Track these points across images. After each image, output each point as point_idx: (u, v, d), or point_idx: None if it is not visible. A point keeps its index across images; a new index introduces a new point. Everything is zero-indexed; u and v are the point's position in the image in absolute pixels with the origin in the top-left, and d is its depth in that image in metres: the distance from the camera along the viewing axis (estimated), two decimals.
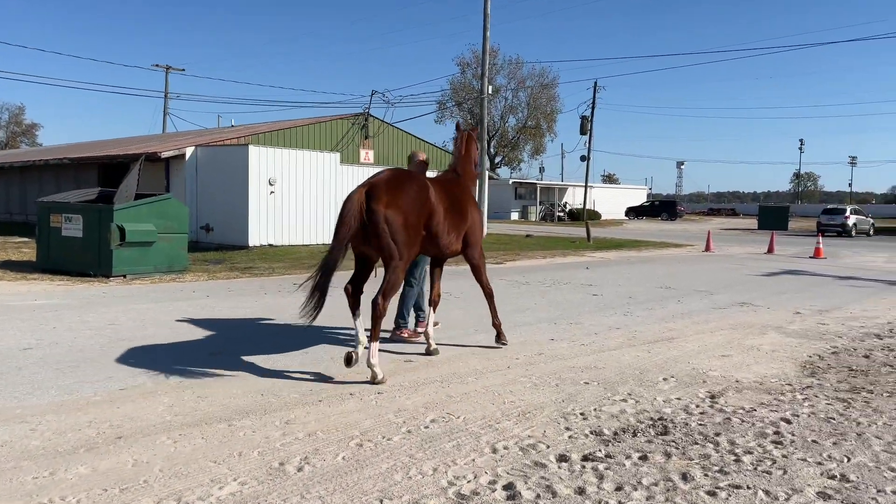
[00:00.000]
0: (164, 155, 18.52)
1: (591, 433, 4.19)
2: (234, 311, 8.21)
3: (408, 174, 5.74)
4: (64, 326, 7.07)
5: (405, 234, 5.29)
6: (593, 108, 45.33)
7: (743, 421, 4.46)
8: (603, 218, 52.13)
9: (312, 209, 18.40)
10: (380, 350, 5.36)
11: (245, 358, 5.83)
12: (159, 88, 47.59)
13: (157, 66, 46.51)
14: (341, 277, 5.65)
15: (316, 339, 6.69)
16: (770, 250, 20.99)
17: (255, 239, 17.26)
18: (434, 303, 6.33)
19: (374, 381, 5.10)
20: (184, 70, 49.46)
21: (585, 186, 44.88)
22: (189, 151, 18.74)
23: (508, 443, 3.97)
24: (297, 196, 18.06)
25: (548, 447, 3.93)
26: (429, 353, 6.14)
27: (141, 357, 5.78)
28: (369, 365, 5.13)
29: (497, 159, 70.61)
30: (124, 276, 11.47)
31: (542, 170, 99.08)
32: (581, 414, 4.55)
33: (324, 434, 4.03)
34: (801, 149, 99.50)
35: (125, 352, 5.95)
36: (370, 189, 5.32)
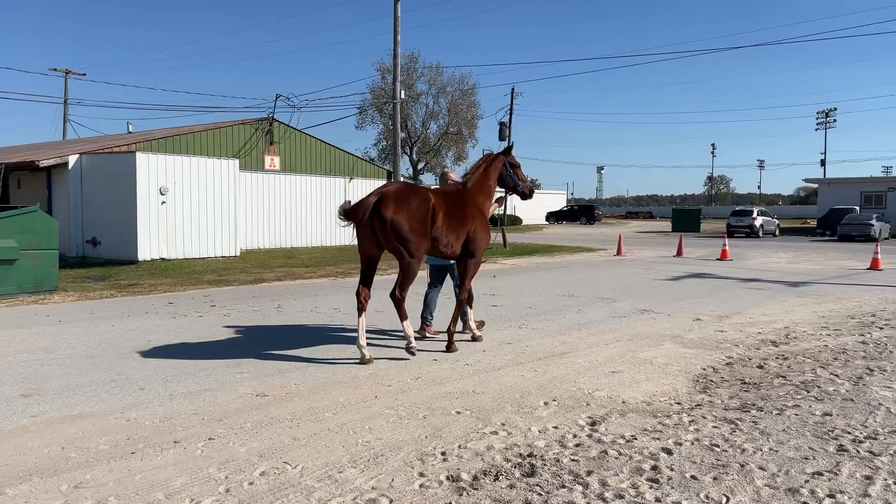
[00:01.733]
0: (44, 164, 17.05)
1: (448, 479, 3.61)
2: (79, 339, 7.27)
3: (412, 187, 6.64)
4: None
5: (411, 236, 6.21)
6: (511, 113, 45.43)
7: (620, 454, 3.98)
8: (524, 223, 52.41)
9: (209, 220, 17.32)
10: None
11: (63, 399, 4.99)
12: (60, 94, 44.70)
13: (54, 69, 43.85)
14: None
15: (161, 371, 5.89)
16: (679, 253, 21.20)
17: (145, 253, 16.07)
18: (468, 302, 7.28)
19: (408, 348, 6.34)
20: (84, 74, 46.94)
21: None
22: (73, 160, 17.33)
23: (344, 499, 3.34)
24: (193, 206, 16.95)
25: (390, 502, 3.32)
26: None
27: None
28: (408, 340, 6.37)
29: (420, 166, 70.21)
30: None
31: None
32: (442, 454, 3.97)
33: (117, 500, 3.29)
34: (713, 153, 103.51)
35: None
36: (380, 198, 6.16)
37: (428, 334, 7.64)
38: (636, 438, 4.25)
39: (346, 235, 24.28)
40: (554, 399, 5.13)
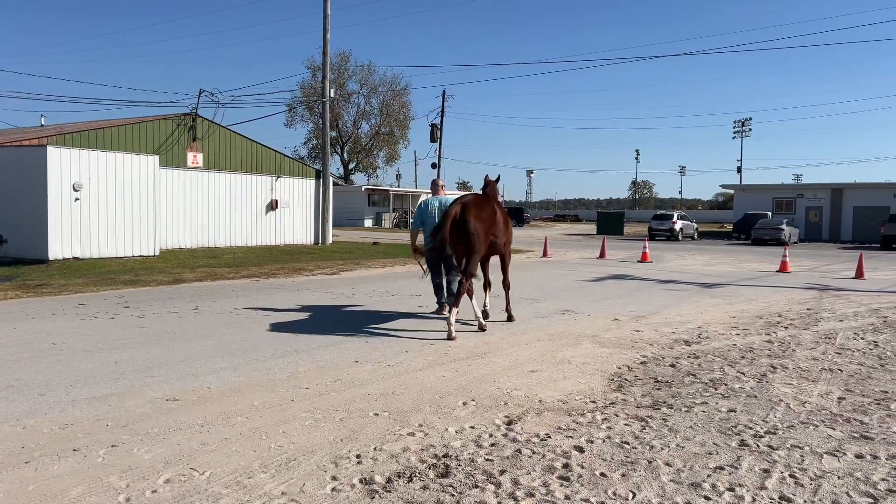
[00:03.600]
0: None
1: (361, 481, 3.57)
2: None
3: (484, 198, 8.41)
4: None
5: (483, 237, 7.87)
6: (442, 115, 45.83)
7: (534, 452, 4.03)
8: None
9: (127, 217, 16.64)
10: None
11: None
12: None
13: None
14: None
15: (65, 376, 5.61)
16: (602, 255, 21.75)
17: (56, 251, 15.29)
18: (487, 287, 8.97)
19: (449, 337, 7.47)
20: None
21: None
22: None
23: None
24: (109, 203, 16.24)
25: None
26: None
27: None
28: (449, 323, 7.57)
29: (351, 166, 69.59)
30: None
31: (398, 176, 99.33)
32: (357, 457, 3.93)
33: None
34: (637, 158, 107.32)
35: None
36: (464, 206, 7.84)
37: (445, 313, 8.68)
38: (550, 437, 4.32)
39: (271, 235, 23.85)
40: (473, 399, 5.15)
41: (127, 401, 4.92)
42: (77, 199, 15.61)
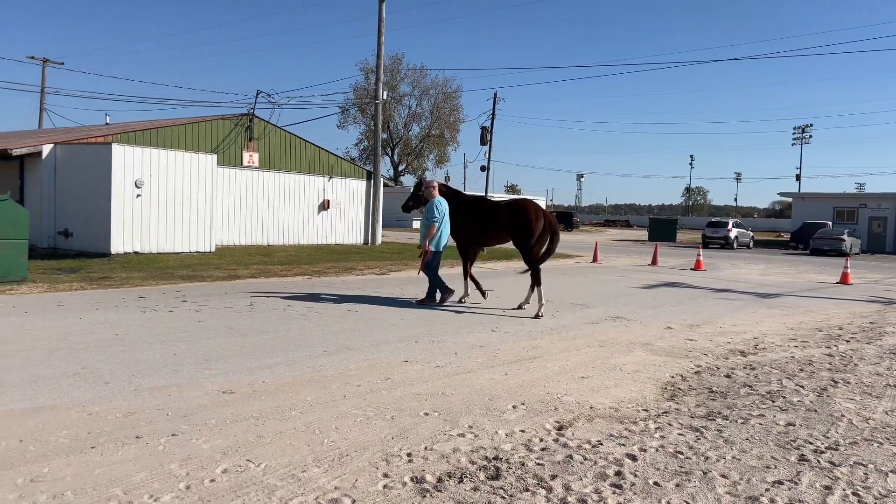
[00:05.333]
0: (16, 152, 16.75)
1: (412, 480, 3.60)
2: (44, 331, 7.14)
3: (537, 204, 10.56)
4: None
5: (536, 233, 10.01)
6: (493, 118, 45.76)
7: (585, 459, 4.00)
8: None
9: (185, 214, 17.12)
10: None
11: (24, 391, 4.90)
12: (38, 82, 44.03)
13: (32, 58, 43.22)
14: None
15: (128, 365, 5.81)
16: (654, 262, 21.39)
17: (118, 245, 15.84)
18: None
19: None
20: (63, 63, 46.33)
21: (486, 196, 45.10)
22: (47, 149, 17.04)
23: (306, 498, 3.31)
24: (168, 200, 16.75)
25: (353, 502, 3.30)
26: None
27: None
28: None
29: (401, 167, 70.15)
30: None
31: (447, 178, 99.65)
32: (408, 455, 3.96)
33: (74, 495, 3.23)
34: (691, 164, 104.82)
35: None
36: (545, 211, 10.24)
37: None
38: (602, 444, 4.28)
39: (323, 234, 24.21)
40: (522, 403, 5.14)
41: (186, 392, 5.06)
42: (138, 195, 16.14)
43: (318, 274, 14.32)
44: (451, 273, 14.42)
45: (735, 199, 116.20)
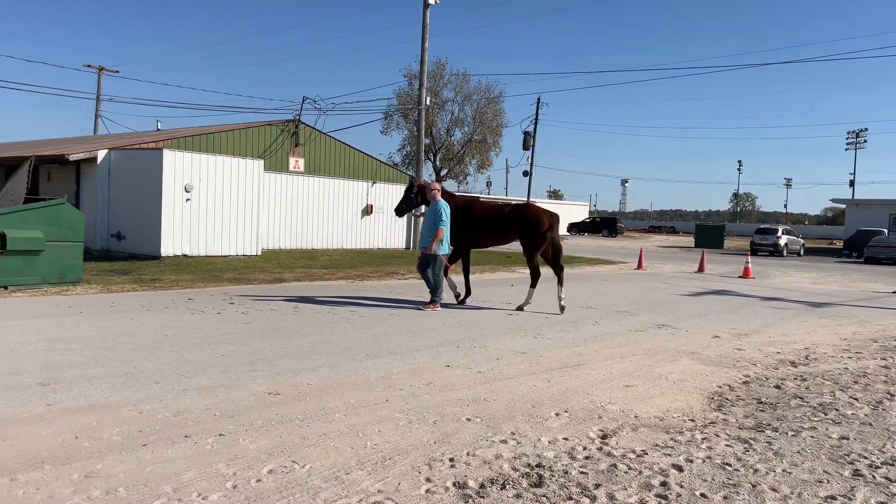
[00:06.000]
0: (73, 157, 17.34)
1: (454, 485, 3.61)
2: (98, 331, 7.37)
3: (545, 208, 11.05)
4: None
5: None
6: (536, 123, 45.61)
7: (630, 468, 3.94)
8: None
9: (233, 218, 17.48)
10: None
11: (79, 389, 5.06)
12: (94, 90, 45.57)
13: (88, 66, 44.72)
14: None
15: (177, 366, 5.95)
16: (701, 269, 20.99)
17: (168, 248, 16.26)
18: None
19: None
20: (117, 72, 47.80)
21: (527, 202, 44.93)
22: (101, 154, 17.60)
23: (350, 501, 3.34)
24: (216, 204, 17.13)
25: None
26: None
27: None
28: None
29: (443, 172, 70.32)
30: (5, 288, 10.44)
31: (489, 184, 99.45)
32: (450, 460, 3.96)
33: (126, 491, 3.33)
34: (739, 169, 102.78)
35: None
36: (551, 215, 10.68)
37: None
38: (647, 453, 4.21)
39: (366, 239, 24.43)
40: (566, 410, 5.10)
41: (233, 392, 5.16)
42: (188, 199, 16.54)
43: (361, 278, 14.46)
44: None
45: (785, 206, 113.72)
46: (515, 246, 11.81)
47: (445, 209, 10.32)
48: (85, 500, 3.21)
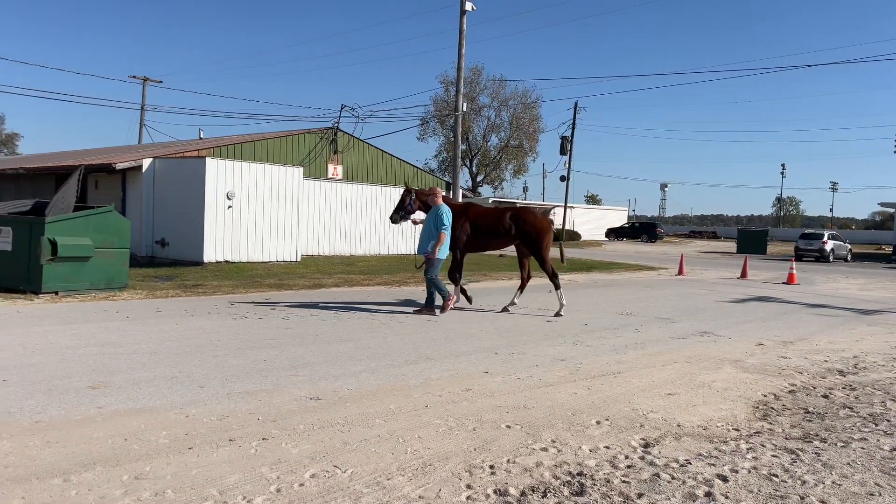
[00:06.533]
0: (120, 166, 17.82)
1: (495, 492, 3.60)
2: (144, 335, 7.54)
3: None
4: None
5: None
6: (573, 128, 45.28)
7: (673, 478, 3.89)
8: (583, 239, 51.82)
9: (273, 224, 17.76)
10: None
11: (127, 392, 5.19)
12: (139, 100, 46.81)
13: (133, 77, 45.92)
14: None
15: (220, 370, 6.07)
16: (743, 275, 20.59)
17: (210, 254, 16.58)
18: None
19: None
20: (161, 82, 48.94)
21: (564, 207, 44.62)
22: (146, 163, 18.07)
23: None
24: (258, 211, 17.42)
25: None
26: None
27: (6, 390, 5.12)
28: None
29: (479, 178, 70.31)
30: (56, 293, 10.77)
31: (525, 189, 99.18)
32: (490, 467, 3.96)
33: (174, 493, 3.40)
34: (783, 173, 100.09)
35: None
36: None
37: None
38: (690, 463, 4.15)
39: (403, 245, 24.55)
40: (607, 418, 5.05)
41: (275, 397, 5.24)
42: (230, 206, 16.85)
43: (399, 283, 14.53)
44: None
45: (830, 210, 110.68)
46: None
47: (447, 213, 10.25)
48: (135, 502, 3.29)
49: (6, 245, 11.12)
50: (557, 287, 10.65)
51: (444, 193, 10.86)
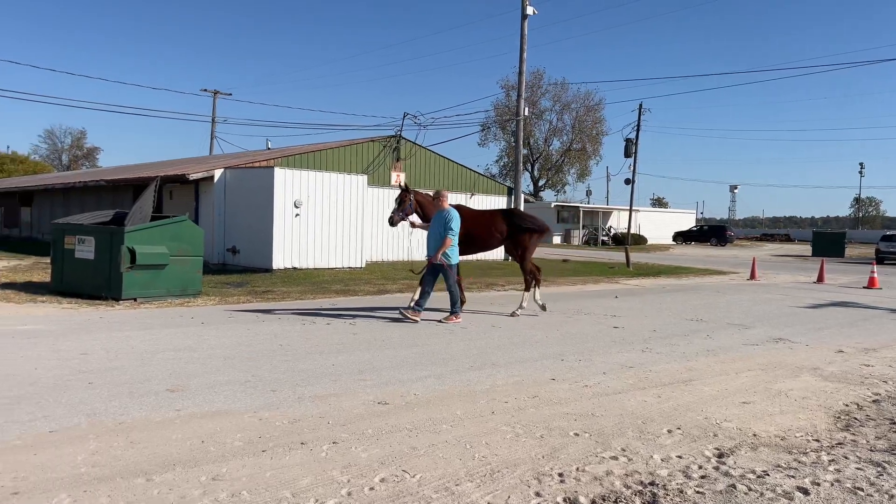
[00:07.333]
0: (193, 177, 18.50)
1: (565, 500, 3.56)
2: (218, 340, 7.79)
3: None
4: (32, 354, 6.75)
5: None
6: (638, 130, 44.43)
7: (750, 489, 3.76)
8: (649, 242, 50.78)
9: (338, 231, 18.09)
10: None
11: (203, 396, 5.37)
12: (210, 112, 48.51)
13: (204, 90, 47.59)
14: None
15: (291, 375, 6.21)
16: (820, 279, 19.75)
17: (279, 261, 17.01)
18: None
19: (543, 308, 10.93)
20: (231, 94, 50.59)
21: (630, 210, 43.81)
22: (218, 174, 18.69)
23: None
24: (323, 218, 17.78)
25: None
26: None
27: (91, 393, 5.38)
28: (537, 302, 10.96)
29: (541, 182, 69.83)
30: (135, 300, 11.26)
31: (589, 193, 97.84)
32: (559, 475, 3.92)
33: (249, 494, 3.50)
34: (861, 172, 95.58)
35: (79, 386, 5.56)
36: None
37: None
38: (768, 474, 4.00)
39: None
40: (678, 427, 4.93)
41: (344, 401, 5.33)
42: (297, 214, 17.26)
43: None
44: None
45: None
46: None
47: (455, 217, 9.99)
48: (213, 502, 3.40)
49: (89, 254, 11.69)
50: (527, 289, 11.06)
51: (447, 195, 10.92)
